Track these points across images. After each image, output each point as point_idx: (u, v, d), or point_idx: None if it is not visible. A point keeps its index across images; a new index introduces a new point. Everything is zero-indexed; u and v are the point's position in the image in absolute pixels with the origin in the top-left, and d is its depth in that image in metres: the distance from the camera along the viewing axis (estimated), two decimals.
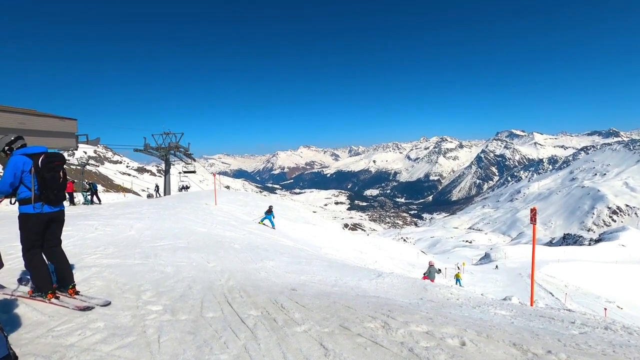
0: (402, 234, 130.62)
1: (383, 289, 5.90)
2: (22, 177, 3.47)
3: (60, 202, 3.74)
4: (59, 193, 3.65)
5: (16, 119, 20.32)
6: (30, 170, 3.47)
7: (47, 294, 3.68)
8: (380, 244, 38.79)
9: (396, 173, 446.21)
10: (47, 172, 3.52)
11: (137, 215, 10.74)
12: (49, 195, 3.56)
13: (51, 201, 3.60)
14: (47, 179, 3.51)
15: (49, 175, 3.52)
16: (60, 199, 3.70)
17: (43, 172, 3.49)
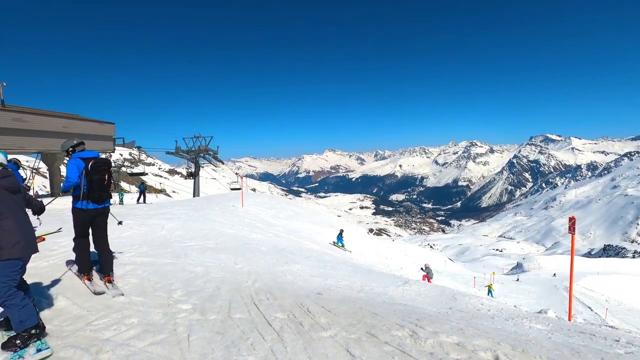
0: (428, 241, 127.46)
1: (410, 296, 5.77)
2: (82, 176, 4.00)
3: (105, 201, 4.25)
4: (103, 193, 4.14)
5: (61, 122, 21.67)
6: (82, 172, 3.99)
7: (84, 275, 4.34)
8: (406, 250, 38.03)
9: (423, 178, 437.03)
10: (95, 174, 4.01)
11: (169, 216, 11.13)
12: (95, 195, 4.07)
13: (96, 200, 4.11)
14: (94, 181, 4.02)
15: (96, 177, 4.02)
16: (104, 198, 4.21)
17: (92, 175, 3.99)
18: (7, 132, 18.20)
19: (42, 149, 22.03)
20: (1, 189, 3.01)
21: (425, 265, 17.03)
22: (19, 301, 2.85)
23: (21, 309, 2.83)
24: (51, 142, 21.08)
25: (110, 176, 4.25)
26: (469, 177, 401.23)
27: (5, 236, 2.88)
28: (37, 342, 2.88)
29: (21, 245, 2.93)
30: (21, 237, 2.96)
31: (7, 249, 2.86)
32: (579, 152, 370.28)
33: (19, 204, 3.15)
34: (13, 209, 3.02)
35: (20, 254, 2.94)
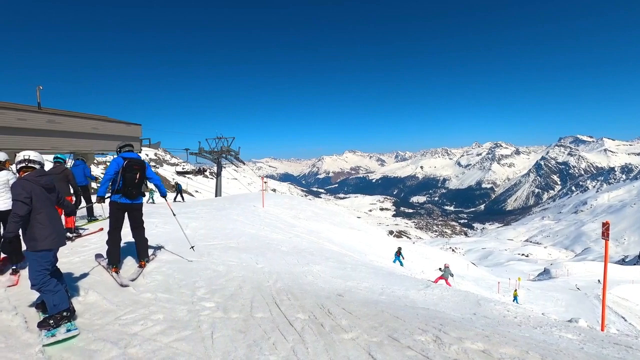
0: (450, 244, 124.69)
1: (432, 300, 5.65)
2: (119, 173, 4.59)
3: (136, 197, 4.77)
4: (133, 190, 4.66)
5: (91, 124, 22.60)
6: (120, 170, 4.58)
7: (112, 267, 4.71)
8: (427, 253, 37.33)
9: (445, 180, 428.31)
10: (128, 173, 4.59)
11: (193, 215, 11.39)
12: (126, 191, 4.62)
13: (128, 195, 4.66)
14: (127, 178, 4.59)
15: (128, 175, 4.59)
16: (135, 194, 4.72)
17: (125, 173, 4.58)
18: (42, 133, 19.15)
19: (73, 149, 23.02)
20: (39, 187, 3.36)
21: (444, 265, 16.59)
22: (52, 287, 3.22)
23: (54, 294, 3.21)
24: (82, 143, 22.00)
25: (142, 175, 4.73)
26: (493, 179, 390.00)
27: (39, 229, 3.25)
28: (67, 324, 3.20)
29: (52, 238, 3.31)
30: (53, 231, 3.33)
31: (41, 241, 3.23)
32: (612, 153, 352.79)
33: (52, 201, 3.51)
34: (47, 205, 3.39)
35: (51, 246, 3.31)
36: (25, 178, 3.33)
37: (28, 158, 3.48)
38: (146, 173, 4.87)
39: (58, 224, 3.48)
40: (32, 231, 3.25)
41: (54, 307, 3.18)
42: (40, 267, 3.20)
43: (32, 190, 3.27)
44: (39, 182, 3.36)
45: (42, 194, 3.35)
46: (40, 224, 3.27)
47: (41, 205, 3.31)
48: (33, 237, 3.24)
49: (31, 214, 3.25)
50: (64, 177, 6.54)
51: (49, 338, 3.03)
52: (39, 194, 3.32)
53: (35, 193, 3.28)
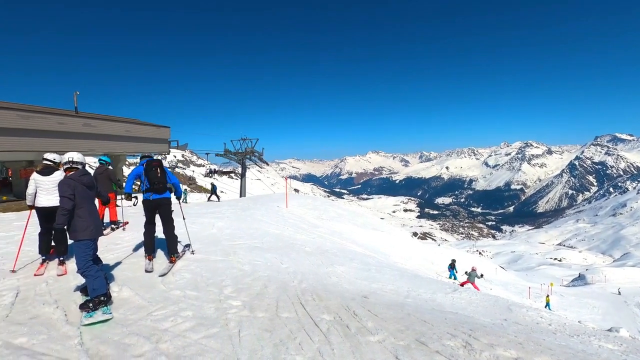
0: (477, 247, 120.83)
1: (460, 304, 5.49)
2: (141, 177, 5.22)
3: (162, 192, 5.24)
4: (159, 185, 5.15)
5: (124, 127, 23.57)
6: (143, 173, 5.19)
7: (147, 255, 5.32)
8: (453, 256, 36.43)
9: (472, 180, 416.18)
10: (149, 172, 5.15)
11: (219, 215, 11.64)
12: (154, 187, 5.15)
13: (156, 190, 5.18)
14: (151, 176, 5.13)
15: (151, 173, 5.13)
16: (162, 188, 5.20)
17: (148, 173, 5.15)
18: (79, 136, 20.19)
19: (107, 151, 24.09)
20: (81, 185, 3.86)
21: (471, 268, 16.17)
22: (93, 272, 3.68)
23: (95, 279, 3.66)
24: (115, 145, 23.01)
25: (163, 170, 5.21)
26: (523, 179, 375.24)
27: (79, 222, 3.76)
28: (104, 307, 3.59)
29: (90, 229, 3.81)
30: (91, 223, 3.83)
31: (81, 232, 3.75)
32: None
33: (91, 197, 4.02)
34: (87, 201, 3.90)
35: (90, 237, 3.80)
36: (70, 177, 3.87)
37: (72, 160, 4.08)
38: (165, 170, 5.32)
39: (96, 218, 3.97)
40: (74, 223, 3.75)
41: (94, 291, 3.61)
42: (83, 254, 3.71)
43: (75, 188, 3.78)
44: (81, 180, 3.88)
45: (83, 191, 3.85)
46: (80, 217, 3.76)
47: (82, 201, 3.81)
48: (75, 229, 3.74)
49: (74, 208, 3.75)
50: (106, 176, 7.40)
51: (87, 319, 3.41)
52: (81, 191, 3.82)
53: (77, 190, 3.79)
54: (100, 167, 7.54)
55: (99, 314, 3.50)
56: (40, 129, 17.73)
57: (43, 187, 5.04)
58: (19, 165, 19.58)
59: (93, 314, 3.48)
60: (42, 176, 5.02)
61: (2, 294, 4.12)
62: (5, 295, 4.07)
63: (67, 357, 2.79)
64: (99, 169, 7.51)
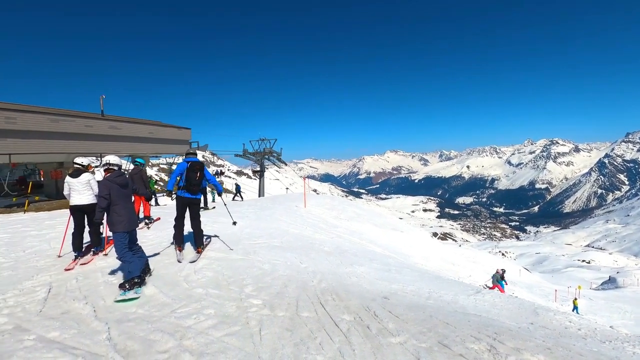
0: (500, 247, 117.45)
1: (484, 307, 5.35)
2: (183, 174, 5.70)
3: (195, 193, 5.77)
4: (193, 187, 5.68)
5: (147, 129, 24.26)
6: (184, 171, 5.68)
7: (177, 246, 5.96)
8: (474, 257, 35.55)
9: (494, 180, 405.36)
10: (190, 172, 5.66)
11: (239, 215, 11.80)
12: (189, 187, 5.67)
13: (190, 191, 5.71)
14: (189, 177, 5.65)
15: (191, 175, 5.65)
16: (194, 191, 5.72)
17: (188, 173, 5.66)
18: (105, 138, 20.92)
19: (131, 153, 24.84)
20: (116, 185, 4.42)
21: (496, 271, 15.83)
22: (128, 258, 4.31)
23: (130, 264, 4.29)
24: (139, 146, 23.70)
25: (202, 175, 5.74)
26: (548, 178, 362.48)
27: (115, 217, 4.35)
28: (137, 288, 4.24)
29: (124, 223, 4.38)
30: (125, 218, 4.40)
31: (117, 225, 4.34)
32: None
33: (127, 195, 4.56)
34: (122, 199, 4.45)
35: (124, 229, 4.38)
36: (106, 178, 4.47)
37: (109, 162, 4.76)
38: (204, 174, 5.86)
39: (131, 213, 4.54)
40: (111, 218, 4.37)
41: (129, 273, 4.28)
42: (120, 243, 4.33)
43: (111, 188, 4.36)
44: (116, 181, 4.46)
45: (118, 190, 4.42)
46: (116, 213, 4.36)
47: (117, 199, 4.39)
48: (112, 222, 4.36)
49: (110, 205, 4.35)
50: (139, 176, 8.13)
51: (122, 296, 4.05)
52: (116, 190, 4.40)
53: (113, 190, 4.37)
54: (135, 168, 8.40)
55: (131, 293, 4.13)
56: (68, 131, 18.48)
57: (74, 187, 5.67)
58: (50, 167, 20.49)
59: (127, 293, 4.12)
60: (72, 178, 5.66)
61: (35, 290, 4.31)
62: (38, 291, 4.26)
63: (96, 352, 2.89)
64: (134, 169, 8.31)
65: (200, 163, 5.78)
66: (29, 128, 16.81)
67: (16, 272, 5.11)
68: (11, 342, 3.00)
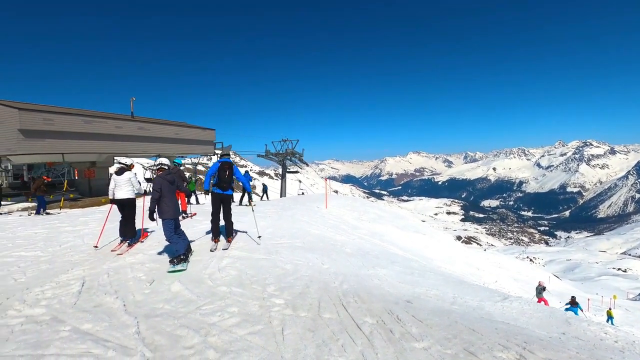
0: (528, 253, 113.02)
1: (511, 314, 5.16)
2: (216, 173, 6.46)
3: (227, 189, 6.49)
4: (223, 184, 6.43)
5: (173, 130, 24.98)
6: (216, 170, 6.44)
7: (214, 238, 6.74)
8: (500, 262, 34.43)
9: (522, 182, 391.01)
10: (220, 171, 6.42)
11: (261, 215, 11.95)
12: (220, 184, 6.44)
13: (221, 187, 6.47)
14: (221, 176, 6.42)
15: (221, 173, 6.42)
16: (225, 187, 6.46)
17: (219, 172, 6.41)
18: (134, 138, 21.72)
19: (159, 153, 25.66)
20: (165, 181, 5.47)
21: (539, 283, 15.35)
22: (175, 239, 5.45)
23: (176, 244, 5.42)
24: (166, 147, 24.46)
25: (231, 173, 6.45)
26: (580, 182, 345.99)
27: (164, 207, 5.43)
28: (183, 263, 5.29)
29: (170, 212, 5.46)
30: (171, 208, 5.48)
31: (165, 213, 5.42)
32: None
33: (173, 190, 5.58)
34: (169, 193, 5.50)
35: (170, 217, 5.46)
36: (159, 176, 5.52)
37: (161, 162, 5.86)
38: (234, 173, 6.54)
39: (175, 204, 5.58)
40: (161, 208, 5.43)
41: (176, 252, 5.40)
42: (167, 228, 5.44)
43: (162, 184, 5.41)
44: (166, 178, 5.53)
45: (166, 186, 5.48)
46: (165, 204, 5.44)
47: (166, 193, 5.45)
48: (162, 211, 5.43)
49: (161, 197, 5.39)
50: (178, 175, 8.90)
51: (172, 268, 5.10)
52: (165, 185, 5.45)
53: (163, 185, 5.42)
54: (174, 168, 9.04)
55: (178, 266, 5.16)
56: (101, 132, 19.33)
57: (118, 184, 6.69)
58: (83, 166, 21.45)
59: (175, 266, 5.14)
60: (117, 176, 6.72)
61: (70, 283, 4.53)
62: (73, 284, 4.47)
63: (126, 344, 3.00)
64: (173, 168, 9.07)
65: (229, 162, 6.47)
66: (65, 129, 17.67)
67: (53, 265, 5.39)
68: (49, 332, 3.16)
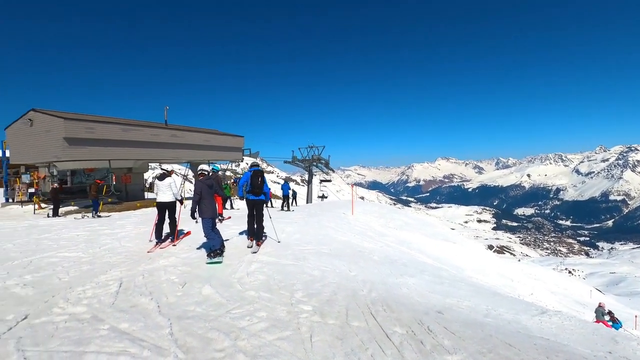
0: (566, 264, 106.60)
1: (550, 330, 4.87)
2: (248, 181, 7.02)
3: (259, 195, 7.06)
4: (256, 190, 7.01)
5: (204, 137, 25.79)
6: (249, 178, 7.01)
7: (249, 237, 7.36)
8: (536, 274, 32.70)
9: (559, 190, 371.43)
10: (253, 179, 6.99)
11: (288, 220, 12.06)
12: (253, 190, 7.02)
13: (254, 193, 7.06)
14: (253, 183, 6.99)
15: (253, 180, 6.99)
16: (257, 193, 7.03)
17: (252, 179, 6.99)
18: (167, 145, 22.63)
19: (190, 159, 26.56)
20: (205, 185, 6.20)
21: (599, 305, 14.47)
22: (212, 235, 6.17)
23: (213, 240, 6.15)
24: (197, 153, 25.29)
25: (262, 180, 7.01)
26: (625, 189, 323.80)
27: (204, 207, 6.17)
28: (219, 257, 6.03)
29: (209, 212, 6.20)
30: (210, 209, 6.20)
31: (205, 213, 6.17)
32: None
33: (211, 193, 6.30)
34: (208, 196, 6.22)
35: (209, 216, 6.19)
36: (200, 181, 6.25)
37: (202, 169, 6.57)
38: (264, 180, 7.08)
39: (213, 206, 6.29)
40: (201, 208, 6.17)
41: (213, 246, 6.11)
42: (206, 226, 6.17)
43: (202, 187, 6.17)
44: (205, 182, 6.24)
45: (206, 189, 6.21)
46: (204, 205, 6.17)
47: (206, 195, 6.18)
48: (201, 211, 6.18)
49: (201, 199, 6.12)
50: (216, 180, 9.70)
51: (210, 260, 5.87)
52: (205, 189, 6.20)
53: (203, 189, 6.16)
54: (213, 174, 9.72)
55: (215, 259, 5.90)
56: (137, 140, 20.28)
57: (160, 188, 7.40)
58: (121, 172, 22.56)
59: (212, 259, 5.89)
60: (159, 181, 7.45)
61: (108, 284, 4.75)
62: (111, 285, 4.69)
63: (160, 345, 3.09)
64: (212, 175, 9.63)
65: (260, 171, 7.09)
66: (105, 137, 18.70)
67: (93, 266, 5.68)
68: (89, 330, 3.32)
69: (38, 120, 17.69)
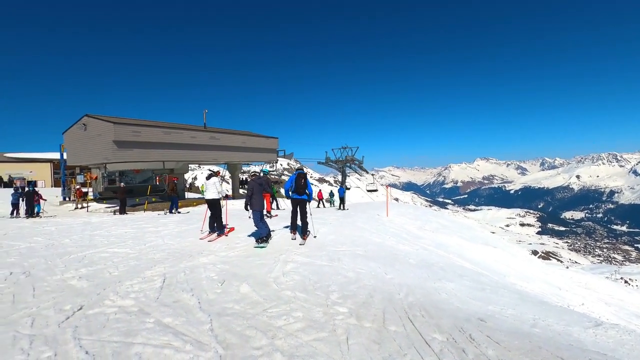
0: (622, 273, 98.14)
1: (607, 345, 4.49)
2: (294, 182, 8.02)
3: (302, 194, 8.08)
4: (299, 189, 8.03)
5: (240, 139, 26.50)
6: (294, 179, 8.03)
7: (291, 230, 8.37)
8: (587, 282, 30.36)
9: (613, 192, 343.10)
10: (297, 180, 8.02)
11: (322, 221, 12.09)
12: (297, 190, 8.04)
13: (298, 193, 8.07)
14: (297, 184, 8.00)
15: (297, 181, 8.02)
16: (301, 193, 8.05)
17: (296, 181, 8.02)
18: (206, 147, 23.51)
19: (227, 160, 27.42)
20: (256, 184, 7.57)
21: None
22: (260, 225, 7.60)
23: (261, 228, 7.60)
24: (234, 155, 26.06)
25: (305, 181, 8.02)
26: None
27: (254, 202, 7.55)
28: (264, 243, 7.42)
29: (258, 206, 7.60)
30: (259, 203, 7.60)
31: (254, 206, 7.57)
32: None
33: (260, 191, 7.60)
34: (258, 192, 7.57)
35: (258, 209, 7.62)
36: (252, 180, 7.65)
37: (254, 171, 7.93)
38: (307, 181, 8.06)
39: (261, 201, 7.65)
40: (251, 202, 7.56)
41: (260, 233, 7.57)
42: (255, 217, 7.62)
43: (253, 186, 7.55)
44: (256, 181, 7.60)
45: (256, 187, 7.57)
46: (255, 199, 7.54)
47: (256, 192, 7.54)
48: (252, 204, 7.57)
49: (252, 195, 7.50)
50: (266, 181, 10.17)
51: (257, 245, 7.21)
52: (256, 187, 7.56)
53: (254, 187, 7.54)
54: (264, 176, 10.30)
55: (261, 245, 7.24)
56: (177, 142, 21.25)
57: (207, 187, 8.55)
58: (164, 173, 23.74)
59: (259, 244, 7.23)
60: (206, 180, 8.65)
61: (153, 279, 5.00)
62: (156, 280, 4.93)
63: (201, 340, 3.20)
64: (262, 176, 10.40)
65: (304, 173, 8.12)
66: (149, 139, 19.76)
67: (139, 262, 6.00)
68: (137, 323, 3.50)
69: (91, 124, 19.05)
